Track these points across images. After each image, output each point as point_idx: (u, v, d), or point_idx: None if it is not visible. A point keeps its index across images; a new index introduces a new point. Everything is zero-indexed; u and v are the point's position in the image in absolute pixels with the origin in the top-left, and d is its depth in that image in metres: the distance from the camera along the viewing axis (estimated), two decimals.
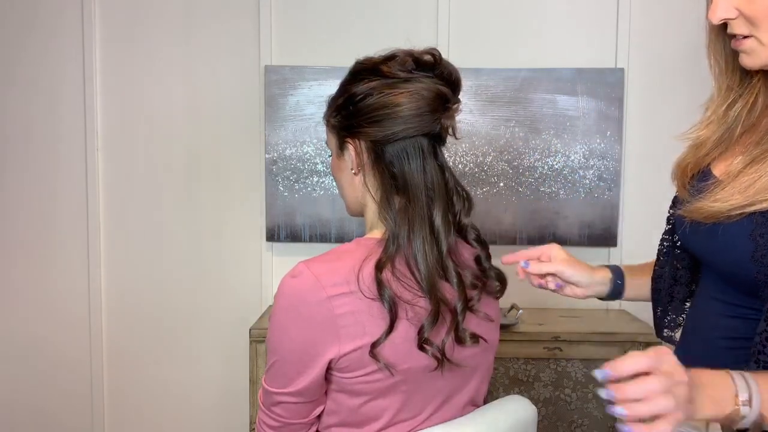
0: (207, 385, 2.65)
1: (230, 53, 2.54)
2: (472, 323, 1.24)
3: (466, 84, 1.29)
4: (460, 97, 1.25)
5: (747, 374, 0.95)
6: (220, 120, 2.56)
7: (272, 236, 2.52)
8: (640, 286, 1.38)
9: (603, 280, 1.37)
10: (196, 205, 2.59)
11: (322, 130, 2.42)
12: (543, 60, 2.48)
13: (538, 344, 2.26)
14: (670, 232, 1.27)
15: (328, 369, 1.17)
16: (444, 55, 1.23)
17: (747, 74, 1.16)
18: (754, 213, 1.03)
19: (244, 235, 2.59)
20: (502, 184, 2.49)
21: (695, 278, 1.25)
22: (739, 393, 0.93)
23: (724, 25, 1.10)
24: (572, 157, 2.46)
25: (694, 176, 1.18)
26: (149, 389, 2.65)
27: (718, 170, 1.14)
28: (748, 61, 1.10)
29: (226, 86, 2.55)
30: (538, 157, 2.47)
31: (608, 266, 1.39)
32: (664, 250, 1.29)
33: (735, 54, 1.13)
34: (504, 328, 2.18)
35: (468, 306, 1.21)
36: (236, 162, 2.57)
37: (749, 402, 0.93)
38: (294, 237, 2.52)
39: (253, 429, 2.30)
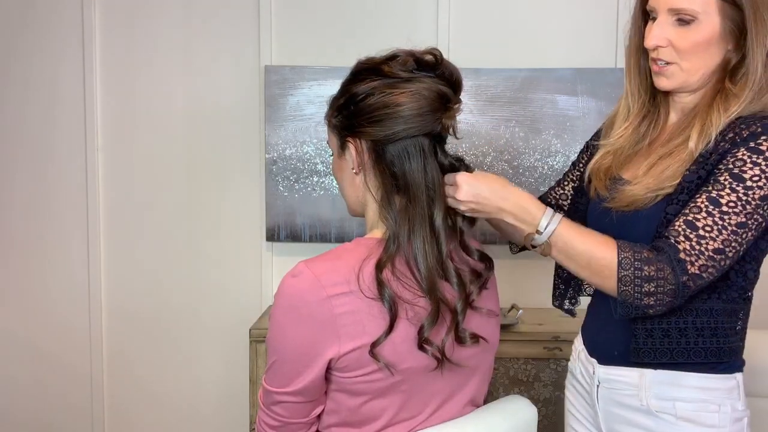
0: (207, 385, 2.65)
1: (230, 53, 2.54)
2: (472, 323, 1.24)
3: (466, 84, 1.29)
4: (460, 97, 1.25)
5: (559, 215, 1.24)
6: (220, 120, 2.56)
7: (272, 236, 2.52)
8: None
9: None
10: (196, 205, 2.59)
11: (322, 130, 2.42)
12: (543, 60, 2.47)
13: (538, 344, 2.26)
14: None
15: (328, 369, 1.17)
16: (444, 55, 1.24)
17: (655, 93, 1.37)
18: (664, 197, 1.26)
19: (244, 235, 2.59)
20: None
21: None
22: (541, 221, 1.23)
23: (644, 49, 1.31)
24: (572, 158, 2.43)
25: (611, 178, 1.38)
26: (149, 389, 2.65)
27: (628, 174, 1.35)
28: (666, 84, 1.31)
29: (226, 86, 2.55)
30: (538, 157, 2.47)
31: None
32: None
33: (649, 75, 1.34)
34: (504, 328, 2.18)
35: (468, 303, 1.22)
36: (236, 162, 2.57)
37: (543, 230, 1.23)
38: (294, 237, 2.51)
39: (253, 429, 2.30)
